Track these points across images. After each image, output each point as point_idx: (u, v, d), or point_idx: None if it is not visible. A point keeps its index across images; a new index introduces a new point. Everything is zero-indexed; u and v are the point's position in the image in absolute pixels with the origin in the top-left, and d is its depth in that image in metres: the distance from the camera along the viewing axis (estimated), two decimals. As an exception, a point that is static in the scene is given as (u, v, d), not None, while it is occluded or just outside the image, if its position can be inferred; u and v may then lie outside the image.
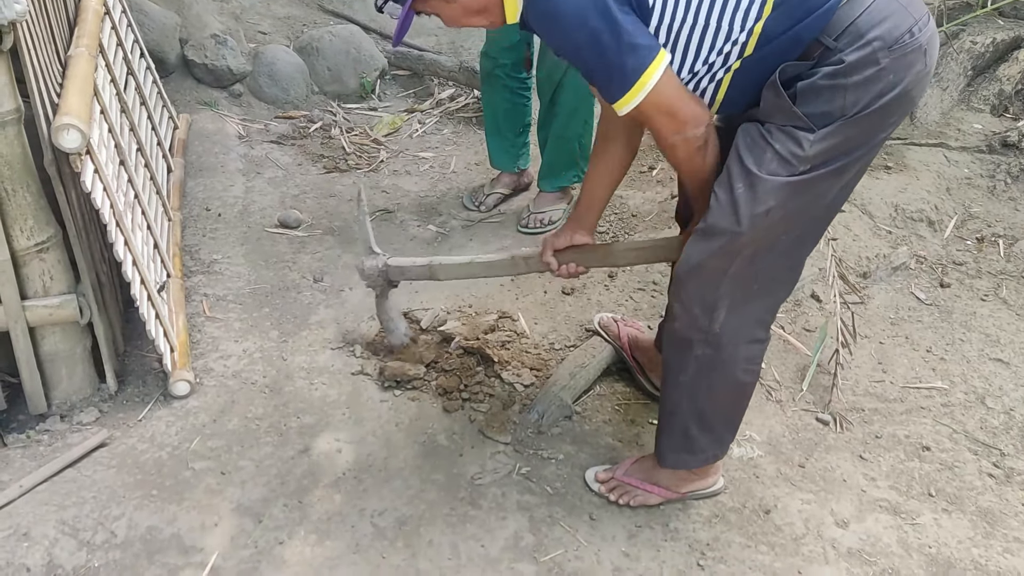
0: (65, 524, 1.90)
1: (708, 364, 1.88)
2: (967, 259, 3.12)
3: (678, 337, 1.89)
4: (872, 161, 1.79)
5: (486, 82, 3.22)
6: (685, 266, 1.80)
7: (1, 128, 1.89)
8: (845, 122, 1.62)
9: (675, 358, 1.93)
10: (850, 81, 1.59)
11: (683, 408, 1.96)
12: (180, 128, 3.59)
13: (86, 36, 2.36)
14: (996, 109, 3.89)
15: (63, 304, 2.09)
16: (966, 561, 1.99)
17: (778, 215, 1.69)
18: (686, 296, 1.83)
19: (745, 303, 1.82)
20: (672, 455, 2.03)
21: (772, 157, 1.66)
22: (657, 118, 1.66)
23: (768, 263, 1.78)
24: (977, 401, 2.50)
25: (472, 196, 3.40)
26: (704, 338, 1.85)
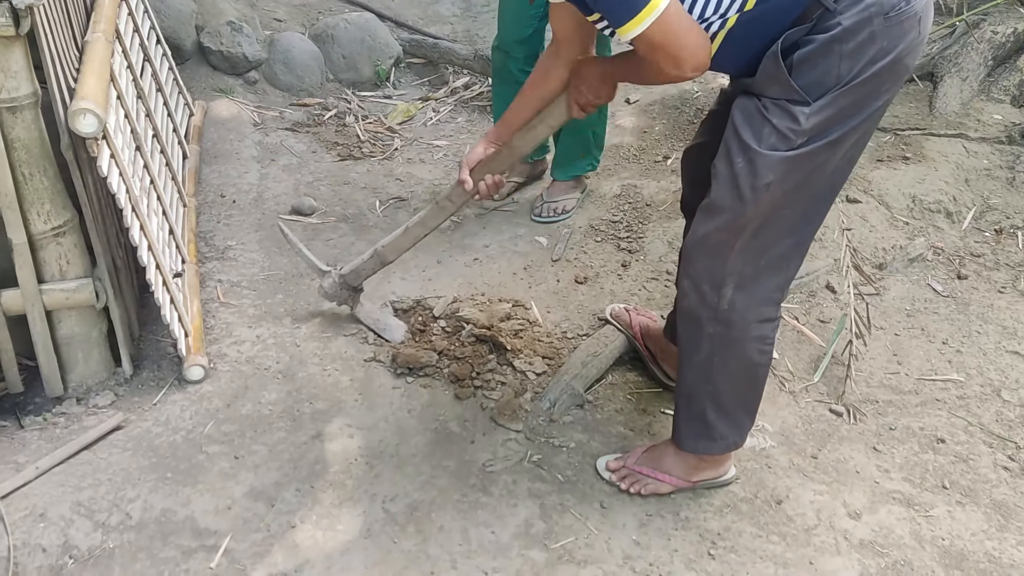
0: (81, 505, 1.92)
1: (720, 343, 1.89)
2: (985, 251, 3.09)
3: (689, 315, 1.90)
4: (871, 133, 1.79)
5: (498, 76, 3.20)
6: (693, 241, 1.82)
7: (19, 112, 1.90)
8: (839, 92, 1.63)
9: (688, 337, 1.94)
10: (846, 48, 1.60)
11: (699, 390, 1.96)
12: (196, 115, 3.60)
13: (103, 21, 2.37)
14: (1016, 100, 3.85)
15: (79, 288, 2.11)
16: (979, 554, 1.98)
17: (779, 190, 1.71)
18: (694, 272, 1.85)
19: (754, 280, 1.83)
20: (691, 440, 2.03)
21: (770, 132, 1.67)
22: (659, 51, 1.63)
23: (774, 238, 1.79)
24: (993, 394, 2.48)
25: None
26: (714, 315, 1.86)
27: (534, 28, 3.03)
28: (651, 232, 3.09)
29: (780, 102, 1.66)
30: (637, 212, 3.23)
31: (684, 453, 2.05)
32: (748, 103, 1.70)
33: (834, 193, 1.84)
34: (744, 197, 1.70)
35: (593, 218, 3.19)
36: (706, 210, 1.77)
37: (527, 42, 3.05)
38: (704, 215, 1.78)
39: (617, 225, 3.16)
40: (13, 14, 1.79)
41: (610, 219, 3.19)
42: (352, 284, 2.44)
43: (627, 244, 3.05)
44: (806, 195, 1.76)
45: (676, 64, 1.64)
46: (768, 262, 1.81)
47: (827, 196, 1.83)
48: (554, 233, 3.12)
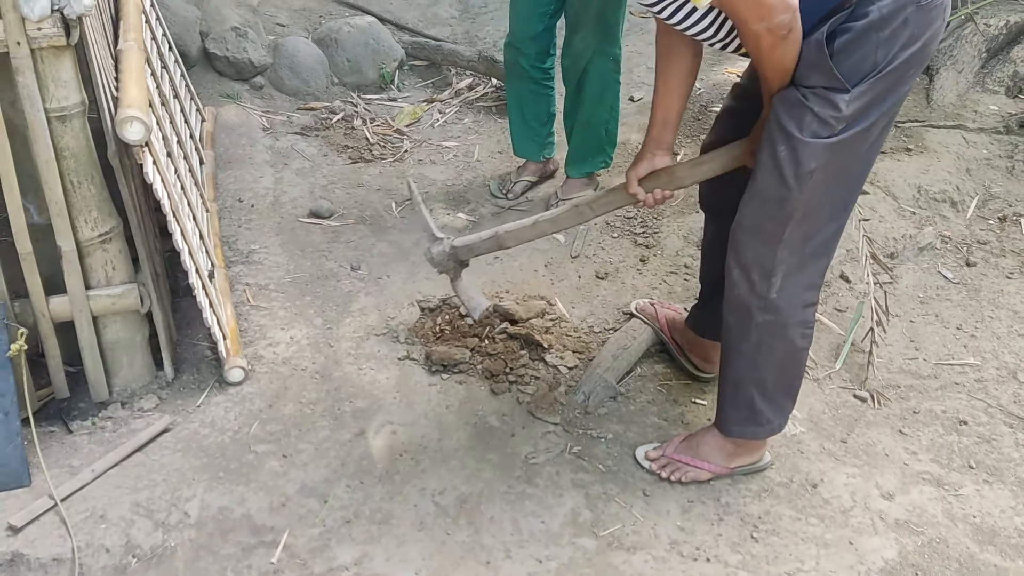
0: (139, 506, 1.96)
1: (769, 331, 1.95)
2: (991, 238, 3.18)
3: (739, 304, 1.95)
4: (894, 118, 1.86)
5: (510, 73, 3.25)
6: (742, 230, 1.88)
7: (68, 121, 1.93)
8: (876, 78, 1.70)
9: (737, 327, 1.99)
10: (882, 36, 1.67)
11: (747, 377, 2.02)
12: (207, 121, 3.62)
13: (132, 30, 2.40)
14: (1011, 90, 3.95)
15: (125, 293, 2.14)
16: (1010, 529, 2.06)
17: (821, 176, 1.78)
18: (746, 261, 1.90)
19: (800, 268, 1.89)
20: (739, 427, 2.09)
21: (812, 119, 1.74)
22: (742, 3, 1.63)
23: (817, 225, 1.86)
24: (1009, 376, 2.56)
25: (500, 184, 3.43)
26: (763, 305, 1.92)
27: (545, 24, 3.08)
28: (666, 227, 3.16)
29: (819, 90, 1.72)
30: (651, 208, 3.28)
31: (722, 440, 2.11)
32: (788, 93, 1.76)
33: (864, 179, 1.91)
34: (789, 184, 1.77)
35: (607, 215, 3.24)
36: (752, 200, 1.83)
37: (538, 38, 3.10)
38: (751, 205, 1.84)
39: (632, 221, 3.22)
40: (64, 24, 1.82)
41: (624, 215, 3.25)
42: (461, 258, 2.36)
43: (643, 240, 3.11)
44: (844, 181, 1.83)
45: (763, 15, 1.62)
46: (813, 249, 1.87)
47: (860, 181, 1.90)
48: (571, 230, 3.17)
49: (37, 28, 1.79)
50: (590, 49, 3.00)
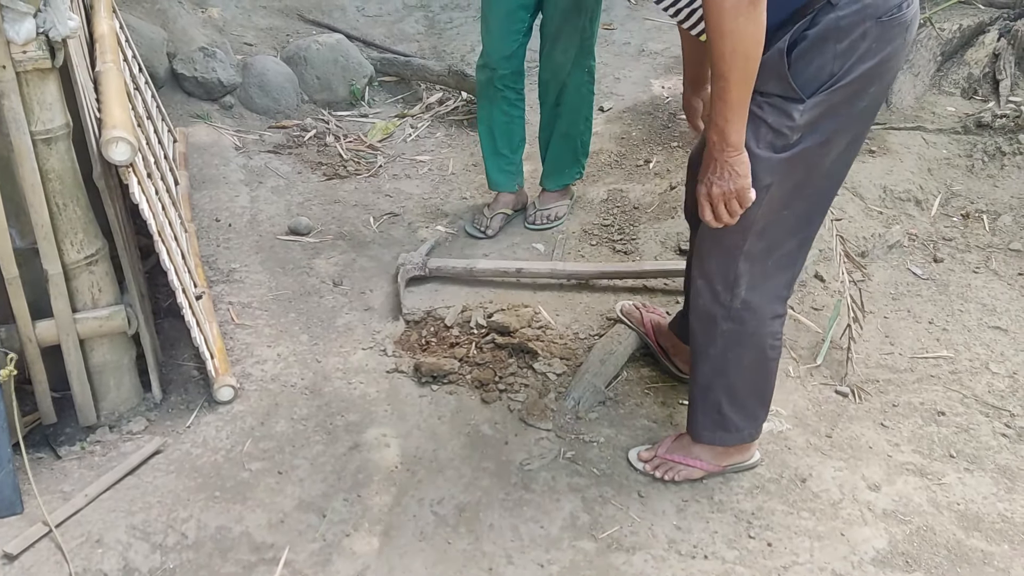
0: (135, 529, 1.94)
1: (734, 339, 1.99)
2: (955, 235, 3.27)
3: (704, 313, 2.01)
4: (865, 133, 1.89)
5: (484, 95, 3.17)
6: (704, 243, 1.93)
7: (53, 144, 1.92)
8: (831, 90, 1.73)
9: (702, 334, 2.04)
10: (839, 47, 1.69)
11: (715, 384, 2.06)
12: (179, 141, 3.61)
13: (109, 52, 2.39)
14: (966, 92, 4.07)
15: (112, 315, 2.12)
16: (993, 515, 2.12)
17: (777, 192, 1.82)
18: (708, 272, 1.96)
19: (765, 279, 1.94)
20: (708, 432, 2.13)
21: (767, 131, 1.77)
22: None
23: (779, 239, 1.90)
24: (982, 367, 2.64)
25: (475, 222, 3.29)
26: (727, 313, 1.97)
27: (519, 43, 3.09)
28: (643, 233, 3.20)
29: (774, 99, 1.75)
30: (626, 215, 3.34)
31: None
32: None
33: (832, 194, 1.94)
34: None
35: (585, 223, 3.29)
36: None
37: (513, 57, 3.08)
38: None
39: (609, 228, 3.26)
40: (49, 47, 1.81)
41: (601, 223, 3.29)
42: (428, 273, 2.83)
43: (622, 246, 3.15)
44: (805, 196, 1.86)
45: None
46: (775, 261, 1.92)
47: (826, 196, 1.92)
48: (549, 239, 3.20)
49: (22, 51, 1.78)
50: (570, 62, 3.03)
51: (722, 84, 1.68)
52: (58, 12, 1.80)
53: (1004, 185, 3.51)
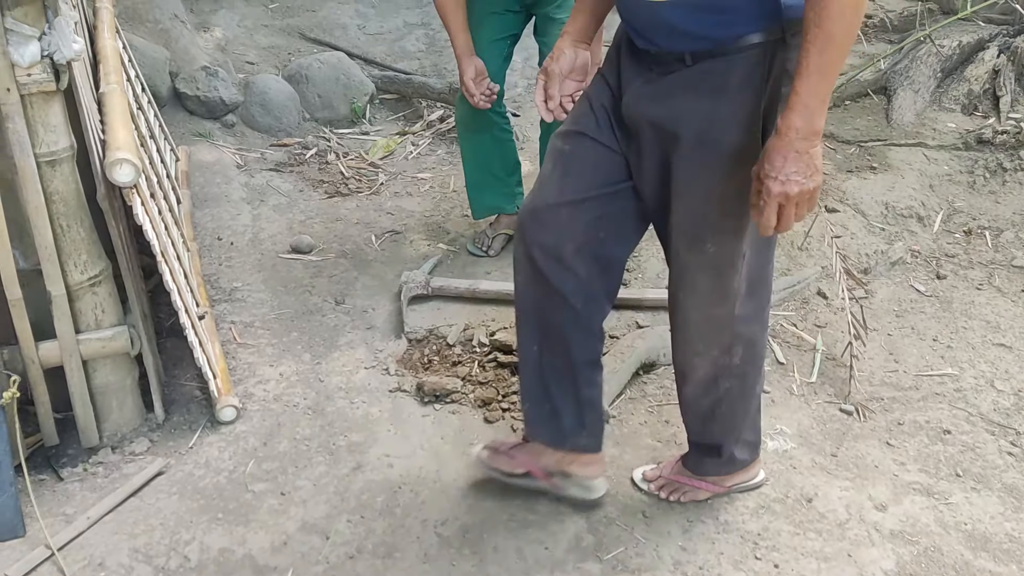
0: (138, 552, 1.93)
1: (738, 393, 1.99)
2: (958, 251, 3.27)
3: (704, 383, 1.96)
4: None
5: (472, 125, 3.06)
6: (696, 324, 1.89)
7: (57, 166, 1.92)
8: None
9: (705, 399, 1.99)
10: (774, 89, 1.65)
11: (716, 436, 2.06)
12: (181, 160, 3.61)
13: (113, 73, 2.39)
14: (966, 108, 4.08)
15: (115, 336, 2.12)
16: (1001, 535, 2.11)
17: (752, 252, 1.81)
18: (704, 347, 1.91)
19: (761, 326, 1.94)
20: (713, 469, 2.13)
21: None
22: None
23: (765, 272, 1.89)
24: (987, 384, 2.63)
25: (476, 241, 3.27)
26: (729, 372, 1.94)
27: (504, 67, 3.04)
28: (645, 251, 3.20)
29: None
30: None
31: None
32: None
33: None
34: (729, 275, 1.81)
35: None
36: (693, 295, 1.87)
37: (498, 78, 2.96)
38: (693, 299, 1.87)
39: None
40: (54, 69, 1.82)
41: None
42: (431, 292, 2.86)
43: (624, 264, 3.14)
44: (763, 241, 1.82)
45: None
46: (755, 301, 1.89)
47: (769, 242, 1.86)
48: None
49: (27, 74, 1.79)
50: None
51: (829, 49, 1.46)
52: (63, 35, 1.80)
53: (1006, 201, 3.51)
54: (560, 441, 2.03)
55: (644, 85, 1.72)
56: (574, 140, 1.84)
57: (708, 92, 1.64)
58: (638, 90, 1.73)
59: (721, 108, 1.64)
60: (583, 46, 1.87)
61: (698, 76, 1.65)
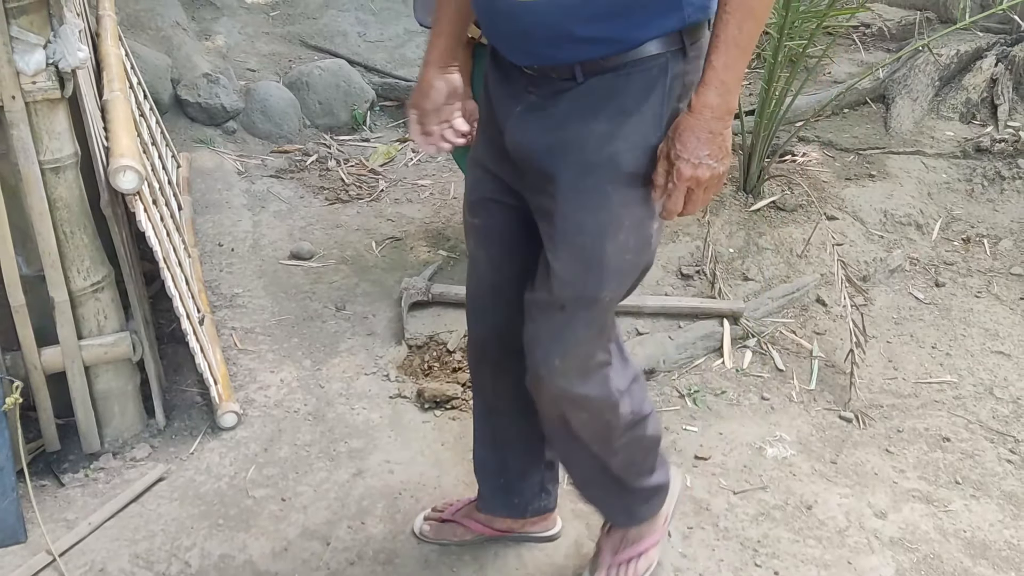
0: (139, 558, 1.93)
1: (635, 445, 1.74)
2: (956, 259, 3.29)
3: (594, 444, 1.69)
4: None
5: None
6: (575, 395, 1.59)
7: (61, 172, 1.93)
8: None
9: (598, 456, 1.72)
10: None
11: (624, 491, 1.82)
12: (183, 166, 3.62)
13: (116, 80, 2.41)
14: (964, 117, 4.10)
15: (117, 342, 2.12)
16: (1000, 543, 2.12)
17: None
18: (589, 414, 1.63)
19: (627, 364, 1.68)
20: (634, 517, 1.89)
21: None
22: None
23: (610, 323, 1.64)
24: (986, 392, 2.64)
25: None
26: (621, 429, 1.67)
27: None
28: (645, 258, 3.21)
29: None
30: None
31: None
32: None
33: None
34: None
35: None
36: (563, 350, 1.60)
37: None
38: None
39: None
40: (59, 77, 1.83)
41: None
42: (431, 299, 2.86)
43: (624, 271, 3.15)
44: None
45: None
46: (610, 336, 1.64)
47: None
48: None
49: (32, 82, 1.80)
50: None
51: (748, 23, 1.34)
52: (68, 43, 1.81)
53: (1004, 209, 3.53)
54: (520, 512, 1.94)
55: (526, 113, 1.48)
56: (479, 210, 1.68)
57: (605, 113, 1.42)
58: (520, 120, 1.49)
59: (621, 131, 1.43)
60: (451, 69, 1.66)
61: (592, 95, 1.43)
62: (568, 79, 1.43)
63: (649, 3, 1.37)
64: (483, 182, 1.66)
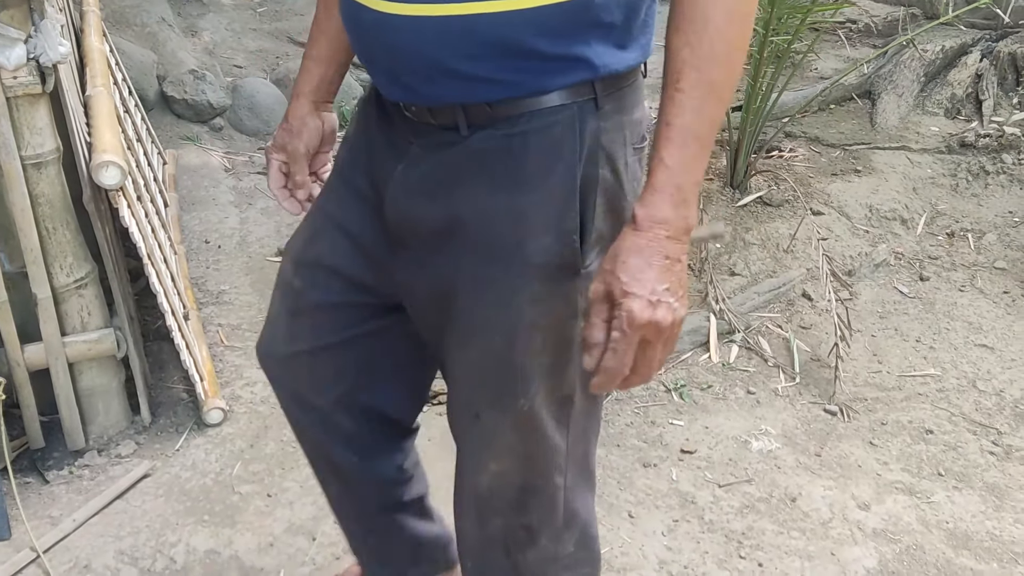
0: (124, 554, 1.93)
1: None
2: (941, 253, 3.30)
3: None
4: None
5: None
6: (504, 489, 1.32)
7: (43, 168, 1.93)
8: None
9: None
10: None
11: None
12: (168, 163, 3.61)
13: (99, 75, 2.40)
14: (949, 112, 4.12)
15: (101, 338, 2.12)
16: (982, 533, 2.13)
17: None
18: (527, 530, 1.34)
19: (588, 485, 1.42)
20: None
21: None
22: None
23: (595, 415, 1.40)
24: (969, 385, 2.66)
25: None
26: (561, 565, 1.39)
27: None
28: (632, 254, 3.22)
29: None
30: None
31: None
32: None
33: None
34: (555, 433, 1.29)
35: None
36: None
37: None
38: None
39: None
40: (40, 72, 1.82)
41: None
42: None
43: (611, 266, 3.16)
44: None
45: None
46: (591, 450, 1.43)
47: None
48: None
49: (12, 76, 1.79)
50: None
51: (710, 103, 1.03)
52: (49, 38, 1.81)
53: (988, 204, 3.55)
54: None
55: (408, 171, 1.16)
56: (307, 273, 1.30)
57: (502, 185, 1.10)
58: (401, 181, 1.17)
59: (524, 211, 1.10)
60: (327, 106, 1.38)
61: (484, 157, 1.11)
62: (451, 129, 1.11)
63: (546, 50, 1.05)
64: (325, 237, 1.27)
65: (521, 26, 1.02)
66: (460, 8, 1.01)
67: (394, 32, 1.06)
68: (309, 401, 1.40)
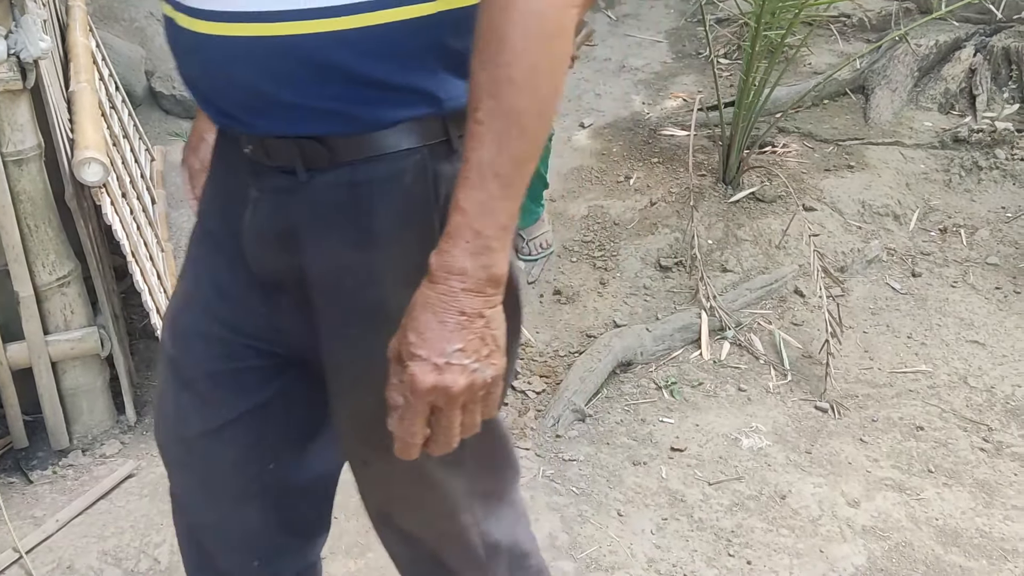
0: (107, 555, 1.91)
1: None
2: (933, 249, 3.29)
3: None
4: None
5: None
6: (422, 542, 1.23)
7: (24, 165, 1.91)
8: None
9: None
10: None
11: None
12: (157, 160, 3.58)
13: (83, 71, 2.37)
14: (943, 107, 4.10)
15: (85, 337, 2.10)
16: (972, 530, 2.12)
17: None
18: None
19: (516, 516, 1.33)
20: None
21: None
22: None
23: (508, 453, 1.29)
24: (960, 381, 2.65)
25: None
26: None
27: None
28: (623, 250, 3.20)
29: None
30: (607, 231, 3.34)
31: None
32: None
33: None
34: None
35: (565, 239, 3.28)
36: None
37: None
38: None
39: (590, 245, 3.26)
40: (20, 68, 1.80)
41: (582, 239, 3.29)
42: None
43: (602, 263, 3.15)
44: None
45: None
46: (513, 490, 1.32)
47: None
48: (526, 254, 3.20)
49: (-8, 72, 1.77)
50: None
51: (512, 136, 0.87)
52: (29, 33, 1.78)
53: (981, 199, 3.54)
54: None
55: (253, 219, 1.04)
56: (181, 339, 1.17)
57: (352, 238, 1.00)
58: (248, 229, 1.05)
59: (380, 267, 1.00)
60: None
61: (327, 210, 1.00)
62: (287, 171, 0.99)
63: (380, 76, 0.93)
64: (196, 296, 1.16)
65: (346, 49, 0.90)
66: (276, 28, 0.89)
67: (208, 55, 0.95)
68: (203, 491, 1.23)
